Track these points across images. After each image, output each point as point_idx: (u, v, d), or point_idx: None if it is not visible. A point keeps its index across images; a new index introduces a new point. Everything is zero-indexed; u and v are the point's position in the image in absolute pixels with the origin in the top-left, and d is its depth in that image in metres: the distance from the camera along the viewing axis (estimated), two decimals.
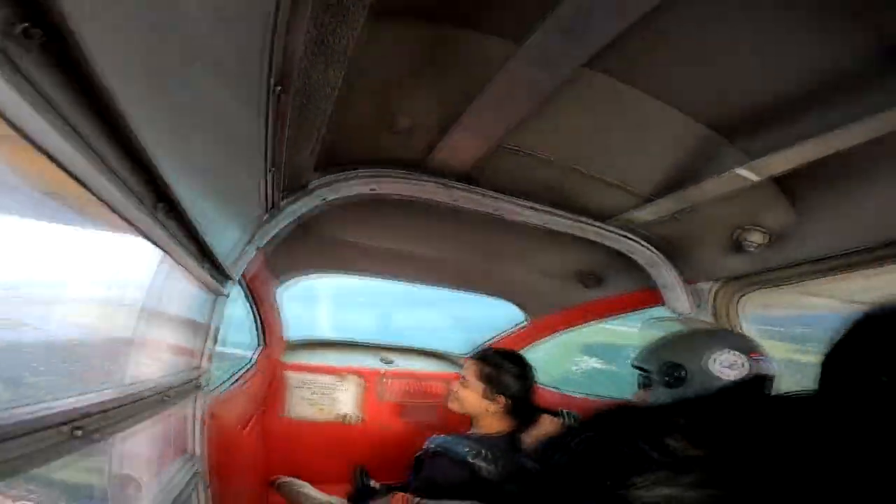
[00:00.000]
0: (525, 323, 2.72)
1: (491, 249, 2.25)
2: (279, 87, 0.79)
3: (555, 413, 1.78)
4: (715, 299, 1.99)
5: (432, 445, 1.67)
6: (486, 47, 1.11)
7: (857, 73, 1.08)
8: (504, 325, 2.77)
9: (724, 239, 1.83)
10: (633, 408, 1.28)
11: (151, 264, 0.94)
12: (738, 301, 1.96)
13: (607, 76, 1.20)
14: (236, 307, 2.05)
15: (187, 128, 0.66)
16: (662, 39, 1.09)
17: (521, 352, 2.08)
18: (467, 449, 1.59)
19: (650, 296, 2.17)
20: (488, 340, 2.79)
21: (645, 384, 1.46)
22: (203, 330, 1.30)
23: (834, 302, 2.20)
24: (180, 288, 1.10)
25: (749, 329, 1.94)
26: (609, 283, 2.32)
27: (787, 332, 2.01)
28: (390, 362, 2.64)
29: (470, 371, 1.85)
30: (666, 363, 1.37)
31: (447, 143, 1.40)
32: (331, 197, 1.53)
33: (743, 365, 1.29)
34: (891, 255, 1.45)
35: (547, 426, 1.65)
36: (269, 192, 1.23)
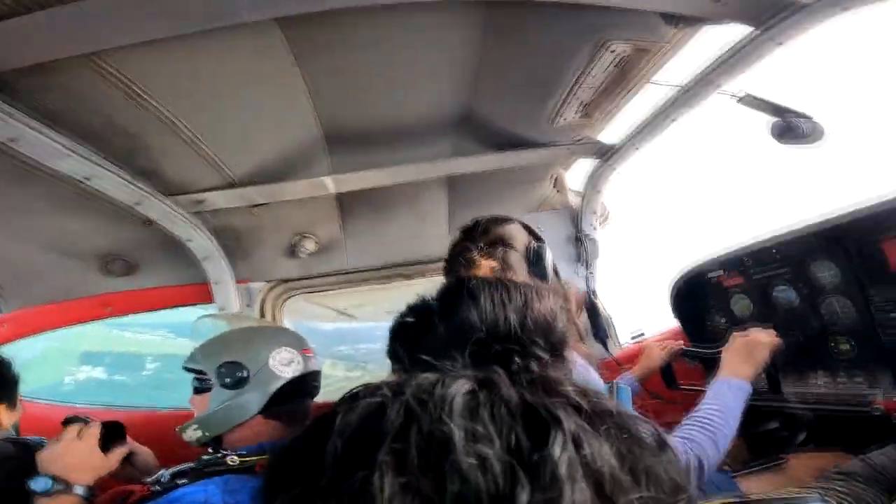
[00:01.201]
0: None
1: None
2: None
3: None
4: (264, 300, 2.03)
5: None
6: None
7: (438, 123, 1.45)
8: None
9: (283, 243, 1.93)
10: None
11: None
12: (283, 303, 2.08)
13: (278, 29, 1.02)
14: None
15: None
16: (346, 32, 1.05)
17: None
18: None
19: (194, 292, 1.95)
20: None
21: (202, 388, 1.26)
22: None
23: (331, 314, 2.74)
24: None
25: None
26: (143, 274, 1.90)
27: None
28: None
29: None
30: (225, 363, 1.23)
31: None
32: None
33: (298, 362, 1.30)
34: (399, 273, 1.99)
35: None
36: None
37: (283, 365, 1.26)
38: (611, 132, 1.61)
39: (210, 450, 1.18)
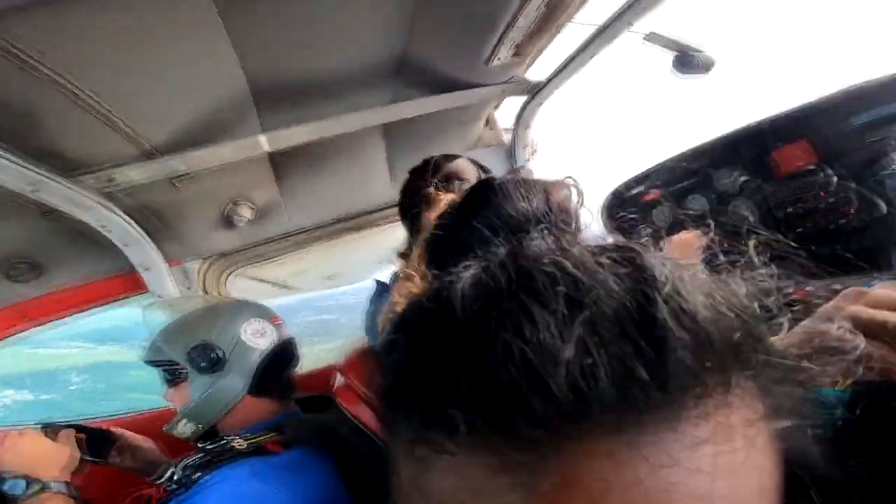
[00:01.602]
0: None
1: None
2: None
3: None
4: (204, 279, 1.90)
5: None
6: None
7: (375, 71, 1.41)
8: None
9: (215, 213, 1.80)
10: None
11: None
12: (226, 279, 1.97)
13: None
14: None
15: None
16: None
17: None
18: None
19: (122, 283, 1.78)
20: None
21: (174, 379, 1.18)
22: None
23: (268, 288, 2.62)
24: None
25: None
26: (56, 273, 1.67)
27: None
28: None
29: None
30: (194, 347, 1.14)
31: None
32: None
33: (271, 331, 1.23)
34: (347, 227, 1.97)
35: None
36: None
37: (258, 336, 1.19)
38: (537, 70, 1.69)
39: (199, 443, 1.12)
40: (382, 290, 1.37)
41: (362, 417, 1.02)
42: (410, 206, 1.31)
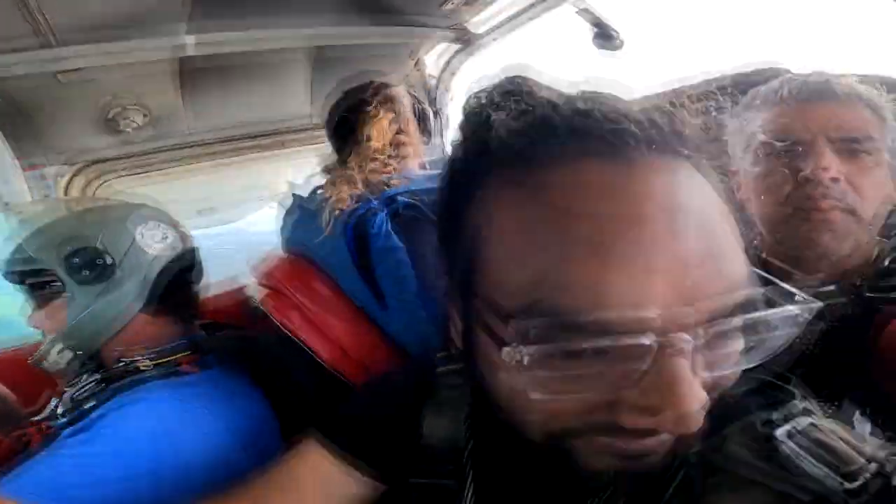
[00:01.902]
0: None
1: None
2: None
3: None
4: (68, 188, 1.57)
5: None
6: None
7: None
8: None
9: (98, 116, 1.48)
10: None
11: None
12: (94, 191, 1.66)
13: None
14: None
15: None
16: None
17: None
18: None
19: None
20: None
21: (45, 297, 0.92)
22: None
23: None
24: None
25: None
26: None
27: None
28: None
29: None
30: (74, 251, 0.88)
31: None
32: None
33: (174, 238, 1.00)
34: (254, 145, 1.82)
35: None
36: None
37: (157, 242, 0.96)
38: (477, 22, 1.77)
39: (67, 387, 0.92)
40: (297, 201, 1.32)
41: (293, 326, 0.99)
42: (345, 121, 1.30)
